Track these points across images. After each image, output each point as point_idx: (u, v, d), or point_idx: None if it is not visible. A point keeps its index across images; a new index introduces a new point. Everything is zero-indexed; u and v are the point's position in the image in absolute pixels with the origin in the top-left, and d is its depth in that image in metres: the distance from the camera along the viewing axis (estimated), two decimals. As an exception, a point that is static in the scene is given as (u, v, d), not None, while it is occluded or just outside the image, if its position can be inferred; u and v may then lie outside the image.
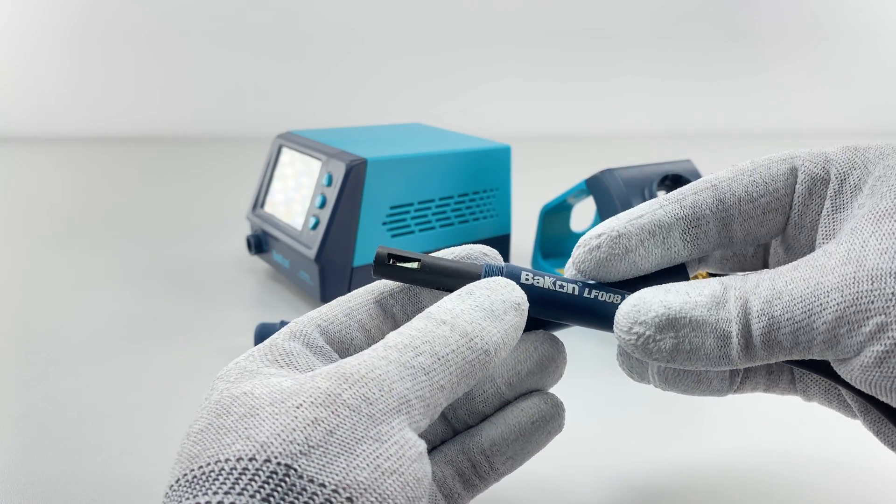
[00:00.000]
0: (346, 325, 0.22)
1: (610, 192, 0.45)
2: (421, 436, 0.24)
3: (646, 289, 0.22)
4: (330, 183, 0.47)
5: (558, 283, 0.23)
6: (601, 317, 0.23)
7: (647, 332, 0.21)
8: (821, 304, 0.20)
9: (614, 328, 0.22)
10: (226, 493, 0.15)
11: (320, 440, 0.16)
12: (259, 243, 0.54)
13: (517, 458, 0.24)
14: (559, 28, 1.35)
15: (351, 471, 0.16)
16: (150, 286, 0.54)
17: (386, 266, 0.23)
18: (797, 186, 0.23)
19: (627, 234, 0.23)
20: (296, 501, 0.15)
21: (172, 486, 0.17)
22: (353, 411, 0.17)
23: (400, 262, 0.23)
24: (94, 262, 0.59)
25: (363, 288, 0.24)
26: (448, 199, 0.52)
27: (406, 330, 0.20)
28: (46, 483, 0.30)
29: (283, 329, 0.22)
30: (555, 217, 0.55)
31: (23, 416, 0.35)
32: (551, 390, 0.26)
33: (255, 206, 0.56)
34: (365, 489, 0.16)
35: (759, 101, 1.38)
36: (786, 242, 0.25)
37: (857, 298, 0.19)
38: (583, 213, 0.60)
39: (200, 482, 0.16)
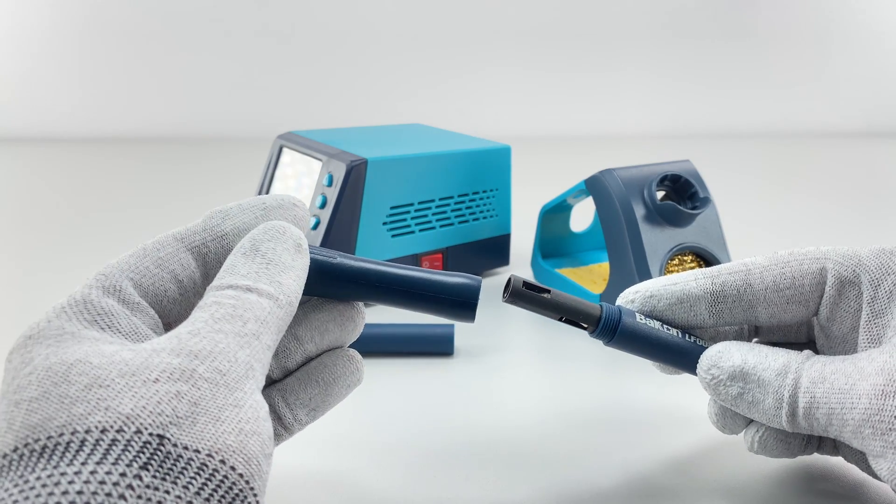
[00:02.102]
0: (158, 276, 0.22)
1: (609, 193, 0.45)
2: None
3: (735, 342, 0.26)
4: (330, 183, 0.48)
5: (664, 326, 0.27)
6: (691, 356, 0.27)
7: (721, 377, 0.25)
8: (852, 403, 0.23)
9: (697, 366, 0.26)
10: (97, 462, 0.16)
11: (187, 411, 0.17)
12: (259, 243, 0.54)
13: (319, 409, 0.26)
14: (559, 28, 1.35)
15: (220, 436, 0.17)
16: (150, 286, 0.54)
17: (521, 292, 0.25)
18: (826, 287, 0.26)
19: (658, 297, 0.27)
20: (174, 467, 0.16)
21: (7, 454, 0.16)
22: (211, 384, 0.18)
23: (533, 290, 0.26)
24: (95, 262, 0.59)
25: (169, 234, 0.24)
26: (448, 199, 0.53)
27: (223, 300, 0.21)
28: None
29: (92, 281, 0.21)
30: (554, 217, 0.55)
31: (24, 415, 0.35)
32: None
33: (255, 206, 0.56)
34: (234, 451, 0.17)
35: (759, 101, 1.38)
36: (824, 330, 0.28)
37: (881, 410, 0.22)
38: (582, 213, 0.60)
39: (56, 453, 0.16)
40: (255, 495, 0.18)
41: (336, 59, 1.31)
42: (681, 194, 0.47)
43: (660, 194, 0.47)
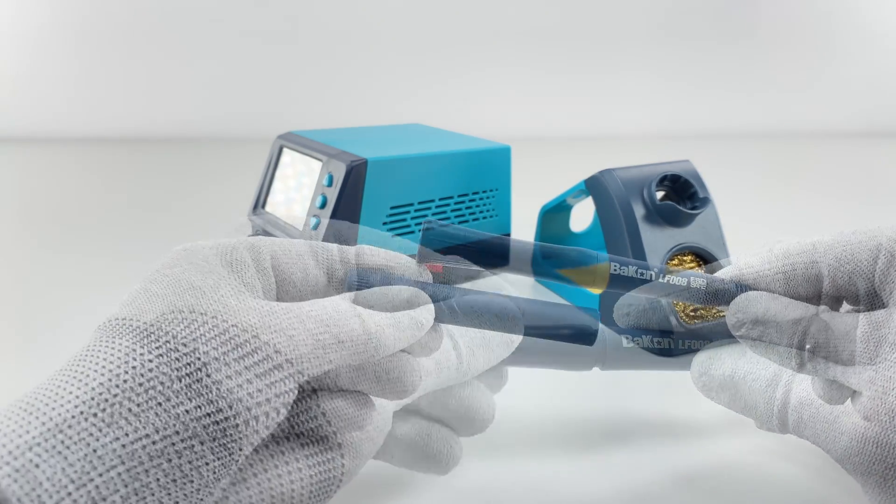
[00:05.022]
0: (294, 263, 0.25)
1: (609, 193, 0.45)
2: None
3: (725, 347, 0.27)
4: (330, 183, 0.48)
5: (654, 340, 0.29)
6: (681, 364, 0.29)
7: (712, 384, 0.27)
8: (834, 437, 0.23)
9: (690, 369, 0.28)
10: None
11: (222, 347, 0.21)
12: (259, 243, 0.54)
13: (393, 463, 0.27)
14: (559, 28, 1.35)
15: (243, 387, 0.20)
16: (150, 286, 0.54)
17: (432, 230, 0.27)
18: (878, 263, 0.26)
19: (762, 273, 0.26)
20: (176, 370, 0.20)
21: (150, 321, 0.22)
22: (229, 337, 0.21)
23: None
24: (95, 262, 0.59)
25: (336, 247, 0.26)
26: (448, 199, 0.53)
27: (336, 304, 0.23)
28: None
29: (248, 240, 0.25)
30: (554, 217, 0.55)
31: (24, 415, 0.35)
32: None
33: (255, 207, 0.56)
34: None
35: (759, 101, 1.38)
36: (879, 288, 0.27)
37: (860, 452, 0.22)
38: (582, 213, 0.60)
39: (176, 322, 0.22)
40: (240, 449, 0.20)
41: (336, 59, 1.31)
42: (680, 194, 0.47)
43: (659, 194, 0.47)
